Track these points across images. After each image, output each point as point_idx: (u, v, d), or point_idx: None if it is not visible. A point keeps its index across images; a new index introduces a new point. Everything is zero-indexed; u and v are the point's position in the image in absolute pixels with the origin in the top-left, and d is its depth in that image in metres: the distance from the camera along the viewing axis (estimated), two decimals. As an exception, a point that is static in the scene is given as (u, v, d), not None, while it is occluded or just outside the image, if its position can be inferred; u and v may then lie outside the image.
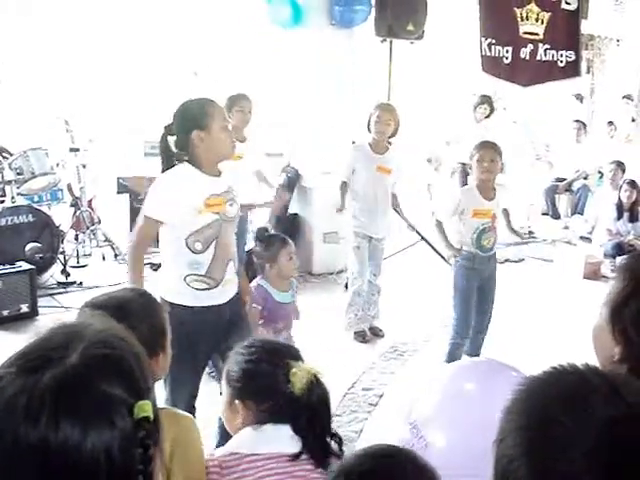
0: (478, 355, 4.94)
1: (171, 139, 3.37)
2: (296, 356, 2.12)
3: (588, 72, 11.98)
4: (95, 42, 9.45)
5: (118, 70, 9.65)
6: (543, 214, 10.50)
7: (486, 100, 9.16)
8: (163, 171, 3.39)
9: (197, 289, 3.32)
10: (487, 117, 9.20)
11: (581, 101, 11.73)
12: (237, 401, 2.10)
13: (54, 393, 0.95)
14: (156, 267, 5.70)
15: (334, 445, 2.03)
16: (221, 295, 3.42)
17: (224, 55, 9.62)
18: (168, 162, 3.40)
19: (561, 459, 0.95)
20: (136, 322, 2.06)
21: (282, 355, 2.11)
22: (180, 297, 3.26)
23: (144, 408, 1.00)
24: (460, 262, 4.88)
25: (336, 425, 4.20)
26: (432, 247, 7.61)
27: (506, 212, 5.18)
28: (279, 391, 2.01)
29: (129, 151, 8.41)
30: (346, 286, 6.43)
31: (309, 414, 2.00)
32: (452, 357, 4.81)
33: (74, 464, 0.95)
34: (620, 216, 8.38)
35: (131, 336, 1.14)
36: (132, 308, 2.09)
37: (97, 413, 0.97)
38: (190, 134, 3.25)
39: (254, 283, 4.07)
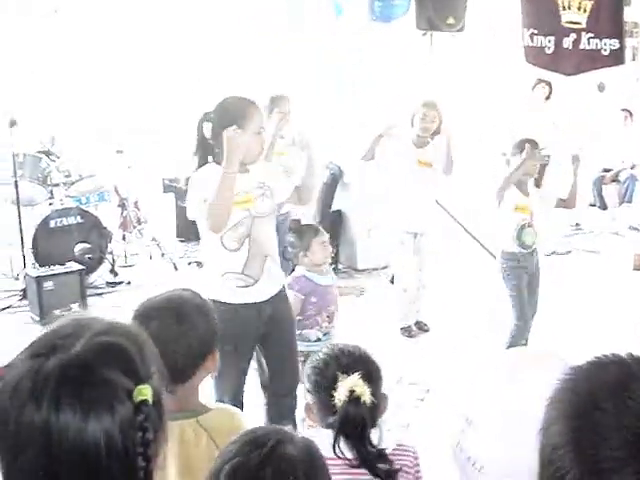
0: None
1: (207, 126, 3.40)
2: (346, 368, 2.13)
3: (634, 59, 11.75)
4: (135, 47, 9.57)
5: (158, 72, 9.76)
6: (590, 205, 10.35)
7: (543, 79, 8.70)
8: (197, 158, 3.42)
9: (236, 286, 3.35)
10: (547, 98, 8.93)
11: (602, 90, 11.50)
12: (308, 402, 2.23)
13: (56, 378, 1.00)
14: (201, 265, 5.76)
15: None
16: (260, 292, 3.43)
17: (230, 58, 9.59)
18: (202, 149, 3.43)
19: (605, 446, 0.95)
20: (194, 322, 2.11)
21: (333, 366, 2.16)
22: (220, 294, 3.27)
23: (143, 392, 1.03)
24: (506, 263, 4.88)
25: (382, 419, 4.22)
26: (478, 242, 7.57)
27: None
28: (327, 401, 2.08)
29: (173, 151, 8.50)
30: (391, 281, 6.44)
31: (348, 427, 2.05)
32: (515, 345, 4.80)
33: (76, 445, 0.99)
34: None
35: (138, 327, 1.19)
36: (189, 309, 2.13)
37: (97, 398, 1.01)
38: (226, 129, 3.27)
39: (294, 274, 4.12)
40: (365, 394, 2.05)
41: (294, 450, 1.45)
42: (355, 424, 2.05)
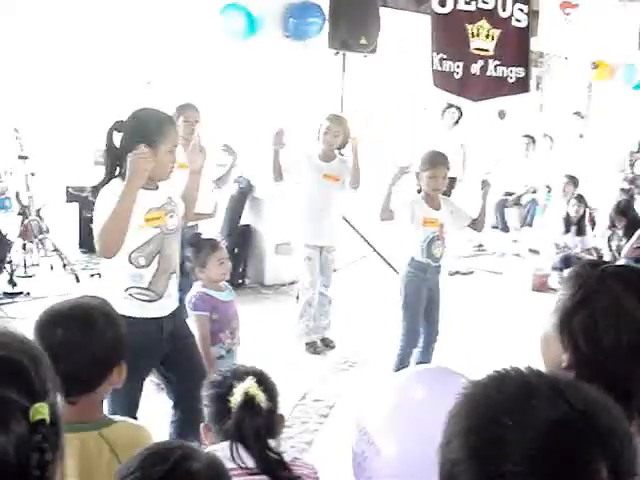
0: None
1: (117, 135, 3.31)
2: (240, 377, 2.20)
3: (537, 88, 12.17)
4: (48, 49, 9.34)
5: (69, 78, 9.54)
6: (493, 227, 10.63)
7: (453, 104, 8.96)
8: (106, 169, 3.33)
9: (138, 299, 3.28)
10: (456, 122, 9.15)
11: (502, 117, 11.92)
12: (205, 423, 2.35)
13: None
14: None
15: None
16: (163, 308, 3.38)
17: (177, 64, 9.58)
18: (110, 158, 3.31)
19: (504, 461, 0.95)
20: (101, 331, 2.05)
21: (230, 377, 2.24)
22: (122, 308, 3.18)
23: (40, 411, 0.98)
24: (411, 272, 4.93)
25: (287, 436, 4.20)
26: (382, 258, 7.67)
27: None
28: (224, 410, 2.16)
29: (78, 159, 8.32)
30: (297, 297, 6.44)
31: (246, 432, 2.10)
32: (401, 366, 4.84)
33: None
34: (568, 230, 8.53)
35: (30, 339, 1.11)
36: (97, 317, 2.07)
37: None
38: (138, 144, 3.20)
39: (193, 291, 4.05)
40: (260, 397, 2.11)
41: (198, 466, 1.42)
42: (252, 428, 2.08)
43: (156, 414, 3.59)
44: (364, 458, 1.90)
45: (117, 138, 3.32)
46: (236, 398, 2.11)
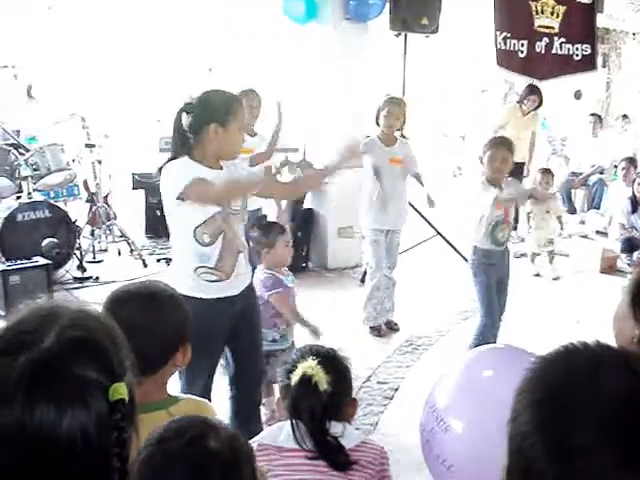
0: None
1: (185, 117, 3.34)
2: (306, 356, 2.22)
3: (604, 66, 11.89)
4: (111, 39, 9.48)
5: (133, 66, 9.68)
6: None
7: (537, 91, 8.53)
8: (173, 150, 3.36)
9: (208, 281, 3.32)
10: (535, 109, 8.81)
11: (579, 98, 11.64)
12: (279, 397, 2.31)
13: (28, 376, 0.96)
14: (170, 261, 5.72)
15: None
16: (232, 287, 3.41)
17: (238, 51, 9.63)
18: (180, 140, 3.34)
19: (574, 434, 0.95)
20: (168, 311, 2.09)
21: (298, 355, 2.25)
22: (192, 290, 3.23)
23: (119, 390, 1.00)
24: (477, 260, 4.89)
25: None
26: (447, 242, 7.61)
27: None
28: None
29: (144, 147, 8.44)
30: (362, 280, 6.43)
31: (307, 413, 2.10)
32: (482, 342, 4.81)
33: (50, 446, 0.95)
34: (634, 210, 8.31)
35: (109, 318, 1.13)
36: (163, 298, 2.12)
37: (72, 396, 0.97)
38: (208, 125, 3.23)
39: (259, 274, 4.09)
40: (319, 377, 2.09)
41: (216, 443, 1.41)
42: (306, 408, 2.08)
43: (222, 395, 3.65)
44: (432, 435, 1.89)
45: (185, 119, 3.34)
46: (294, 376, 2.13)
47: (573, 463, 0.94)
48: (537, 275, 7.65)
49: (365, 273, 6.24)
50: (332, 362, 2.21)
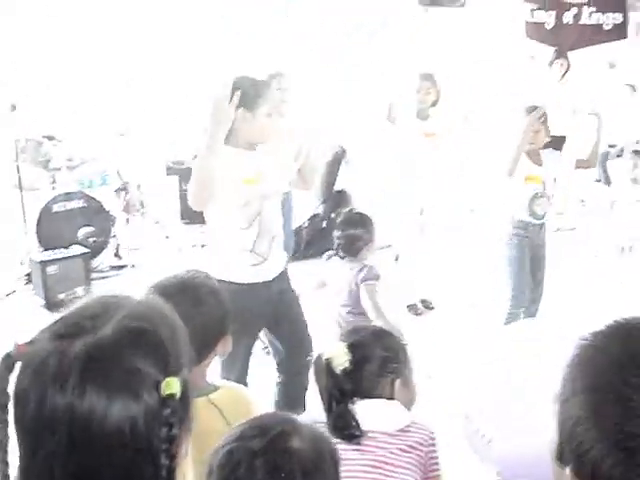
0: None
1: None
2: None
3: (637, 34, 11.64)
4: (142, 30, 9.51)
5: (167, 55, 9.71)
6: (596, 181, 10.30)
7: (561, 54, 8.11)
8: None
9: (247, 265, 3.34)
10: (564, 74, 8.45)
11: (612, 67, 11.39)
12: None
13: (83, 361, 0.96)
14: (205, 247, 5.76)
15: None
16: (268, 271, 3.43)
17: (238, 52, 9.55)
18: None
19: (633, 424, 0.91)
20: (209, 305, 2.09)
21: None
22: (229, 274, 3.25)
23: (171, 385, 0.99)
24: (513, 232, 4.83)
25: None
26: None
27: None
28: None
29: (176, 134, 8.48)
30: (396, 259, 6.42)
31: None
32: (513, 319, 4.78)
33: (99, 433, 0.95)
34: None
35: (172, 311, 1.12)
36: (204, 292, 2.12)
37: (124, 385, 0.97)
38: (236, 110, 3.25)
39: (354, 267, 3.85)
40: (337, 359, 2.07)
41: (299, 443, 1.39)
42: (326, 390, 2.07)
43: (264, 378, 3.67)
44: (473, 410, 1.88)
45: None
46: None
47: (629, 453, 0.91)
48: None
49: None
50: (368, 341, 2.20)
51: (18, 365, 1.00)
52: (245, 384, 3.37)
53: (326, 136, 7.06)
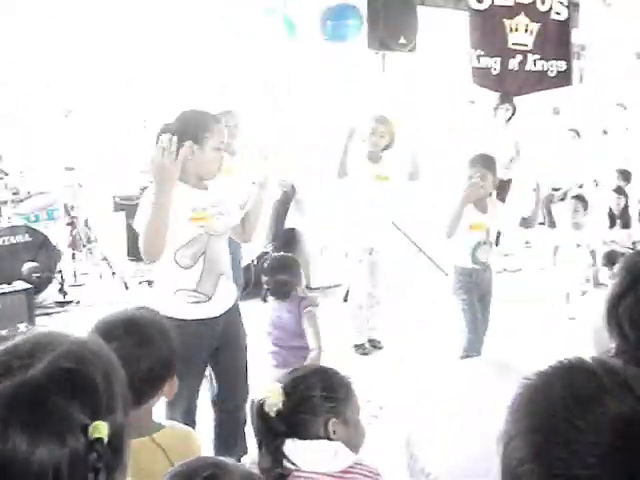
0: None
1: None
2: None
3: (581, 82, 11.99)
4: (108, 41, 9.44)
5: (115, 89, 9.66)
6: (540, 223, 10.50)
7: (507, 99, 8.18)
8: None
9: (187, 303, 3.30)
10: (509, 119, 8.54)
11: (557, 113, 11.72)
12: None
13: (8, 401, 0.94)
14: (152, 283, 5.69)
15: None
16: (213, 308, 3.39)
17: (216, 69, 9.61)
18: None
19: (578, 464, 0.90)
20: (156, 345, 2.05)
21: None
22: (172, 310, 3.17)
23: (99, 429, 0.96)
24: (458, 278, 4.91)
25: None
26: (430, 259, 7.63)
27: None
28: None
29: (124, 169, 8.42)
30: (344, 299, 6.43)
31: None
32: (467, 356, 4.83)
33: (21, 475, 0.93)
34: (613, 224, 8.38)
35: (109, 352, 1.10)
36: (151, 331, 2.08)
37: (49, 428, 0.94)
38: (184, 143, 3.23)
39: (296, 299, 4.12)
40: (269, 400, 2.01)
41: None
42: (257, 432, 2.04)
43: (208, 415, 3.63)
44: (417, 448, 1.88)
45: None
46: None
47: None
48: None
49: (348, 291, 6.24)
50: (306, 381, 2.15)
51: None
52: (193, 423, 3.32)
53: (277, 174, 7.08)
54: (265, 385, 2.10)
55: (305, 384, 2.14)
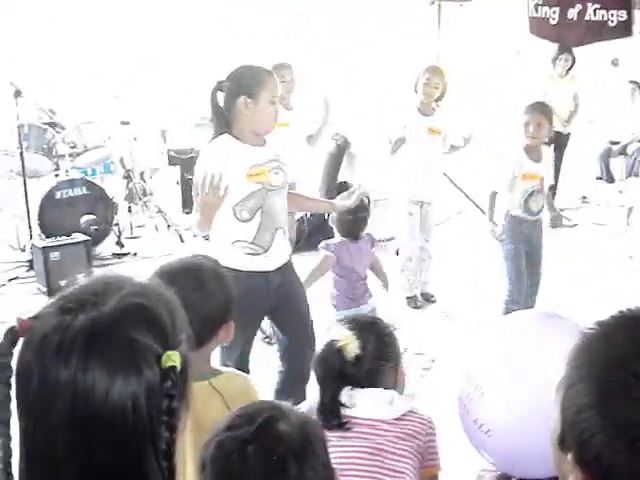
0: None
1: (221, 95, 3.37)
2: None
3: (643, 32, 11.62)
4: (144, 20, 9.52)
5: (170, 45, 9.71)
6: (597, 178, 10.30)
7: (566, 49, 8.11)
8: (214, 128, 3.39)
9: (245, 254, 3.35)
10: (569, 70, 8.47)
11: (616, 65, 11.38)
12: None
13: (86, 335, 0.97)
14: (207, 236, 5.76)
15: None
16: (269, 262, 3.43)
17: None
18: (217, 118, 3.38)
19: (637, 412, 0.92)
20: (212, 290, 2.10)
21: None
22: (229, 261, 3.23)
23: (172, 358, 1.00)
24: (508, 225, 4.86)
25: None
26: (483, 212, 7.54)
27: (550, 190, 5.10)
28: None
29: (179, 123, 8.48)
30: (397, 252, 6.43)
31: None
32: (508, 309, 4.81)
33: (101, 406, 0.96)
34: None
35: (170, 292, 1.14)
36: (208, 277, 2.13)
37: (126, 358, 0.98)
38: (237, 99, 3.25)
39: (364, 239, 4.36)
40: (349, 347, 2.07)
41: (287, 427, 1.40)
42: (322, 376, 2.10)
43: (266, 366, 3.68)
44: (469, 400, 1.89)
45: (221, 97, 3.38)
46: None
47: (633, 442, 0.91)
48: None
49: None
50: (370, 329, 2.21)
51: (21, 340, 1.01)
52: (246, 371, 3.38)
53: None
54: (336, 331, 2.16)
55: (375, 333, 2.20)
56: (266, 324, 4.17)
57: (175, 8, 9.35)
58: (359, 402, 2.08)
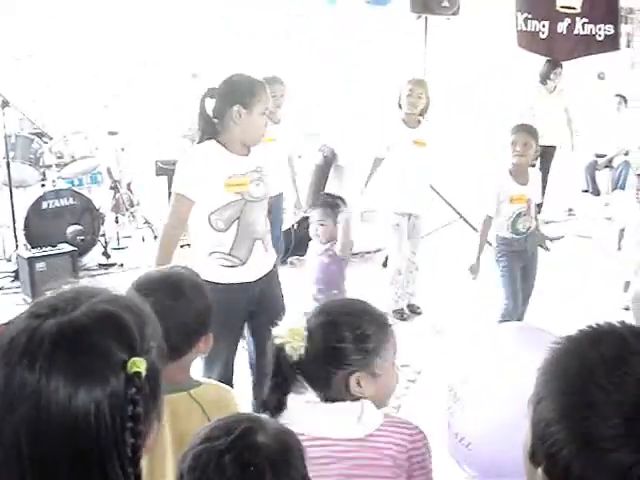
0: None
1: (209, 102, 3.37)
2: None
3: (628, 46, 11.73)
4: (136, 28, 9.52)
5: (159, 55, 9.71)
6: (583, 191, 10.36)
7: (557, 64, 7.90)
8: (199, 134, 3.40)
9: (222, 266, 3.34)
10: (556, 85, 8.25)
11: (602, 79, 11.49)
12: None
13: (52, 338, 0.99)
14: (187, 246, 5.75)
15: None
16: (248, 274, 3.43)
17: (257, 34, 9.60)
18: (205, 125, 3.39)
19: (602, 424, 0.93)
20: (190, 300, 2.10)
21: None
22: (207, 273, 3.22)
23: (137, 364, 1.02)
24: (499, 247, 4.91)
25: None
26: (470, 225, 7.57)
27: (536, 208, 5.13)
28: None
29: (166, 134, 8.47)
30: (384, 264, 6.44)
31: None
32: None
33: (64, 412, 0.97)
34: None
35: (143, 302, 1.16)
36: (186, 287, 2.13)
37: (91, 363, 1.00)
38: (231, 107, 3.26)
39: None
40: (288, 345, 1.85)
41: (264, 439, 1.40)
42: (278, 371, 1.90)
43: (245, 377, 3.68)
44: (450, 414, 1.90)
45: (209, 104, 3.38)
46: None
47: (599, 454, 0.92)
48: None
49: (387, 257, 6.26)
50: (338, 322, 1.91)
51: None
52: (230, 385, 3.37)
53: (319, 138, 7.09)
54: (288, 326, 1.90)
55: (334, 330, 1.89)
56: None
57: (175, 8, 9.33)
58: (324, 421, 1.83)
